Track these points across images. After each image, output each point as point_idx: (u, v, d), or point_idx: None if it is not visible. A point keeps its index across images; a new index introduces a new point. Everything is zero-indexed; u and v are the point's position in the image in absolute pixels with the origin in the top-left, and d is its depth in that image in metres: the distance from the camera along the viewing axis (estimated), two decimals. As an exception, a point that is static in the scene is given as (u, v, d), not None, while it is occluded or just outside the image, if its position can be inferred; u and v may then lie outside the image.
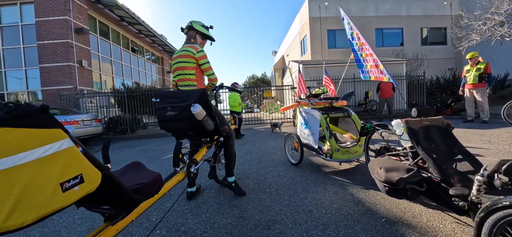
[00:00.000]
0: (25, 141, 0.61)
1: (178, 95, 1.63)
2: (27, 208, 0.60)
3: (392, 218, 1.59)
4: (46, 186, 0.63)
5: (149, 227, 1.66)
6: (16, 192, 0.58)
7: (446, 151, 1.48)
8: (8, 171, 0.58)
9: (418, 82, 10.00)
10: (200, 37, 2.28)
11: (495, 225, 0.91)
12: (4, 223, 0.57)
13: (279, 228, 1.54)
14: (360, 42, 3.36)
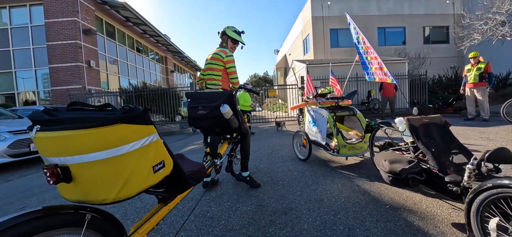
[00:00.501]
0: (135, 134, 0.81)
1: (208, 96, 1.83)
2: (132, 184, 0.81)
3: (395, 205, 1.78)
4: (145, 167, 0.84)
5: (178, 214, 1.87)
6: (128, 170, 0.79)
7: (444, 145, 1.67)
8: (125, 155, 0.78)
9: (420, 81, 10.14)
10: (231, 41, 2.49)
11: (481, 204, 1.10)
12: (117, 195, 0.78)
13: (295, 214, 1.75)
14: (365, 46, 3.55)
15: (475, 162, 1.25)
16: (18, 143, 4.33)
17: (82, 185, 0.78)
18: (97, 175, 0.77)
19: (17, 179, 3.74)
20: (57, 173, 0.73)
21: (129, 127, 0.79)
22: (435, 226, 1.47)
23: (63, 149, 0.75)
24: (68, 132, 0.74)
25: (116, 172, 0.79)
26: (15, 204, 2.54)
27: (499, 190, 1.02)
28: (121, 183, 0.78)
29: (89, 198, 0.80)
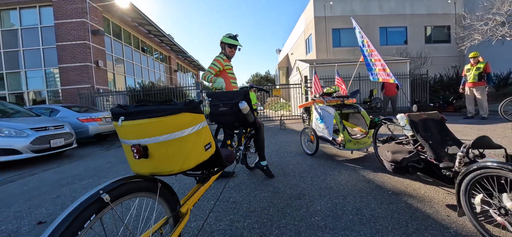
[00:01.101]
0: (193, 120, 1.05)
1: (227, 95, 2.08)
2: (192, 158, 1.05)
3: (397, 191, 2.01)
4: (199, 146, 1.08)
5: (205, 200, 2.11)
6: (189, 148, 1.03)
7: (440, 138, 1.89)
8: (187, 136, 1.02)
9: (422, 80, 10.33)
10: (228, 47, 2.73)
11: (468, 184, 1.33)
12: (181, 167, 1.02)
13: (308, 198, 1.98)
14: (370, 49, 3.78)
15: (464, 150, 1.48)
16: (40, 139, 4.59)
17: (156, 160, 1.02)
18: (167, 152, 1.01)
19: (41, 172, 4.00)
20: (141, 150, 0.97)
21: (189, 115, 1.03)
22: (431, 207, 1.70)
23: (143, 133, 0.99)
24: (146, 120, 0.97)
25: (180, 149, 1.03)
26: (48, 194, 2.79)
27: (482, 171, 1.25)
28: (184, 157, 1.02)
29: (160, 170, 1.04)
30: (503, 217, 1.20)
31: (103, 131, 7.19)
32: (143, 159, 1.00)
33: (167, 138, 0.99)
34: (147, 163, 1.03)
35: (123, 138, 1.05)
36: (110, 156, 4.93)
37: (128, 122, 1.00)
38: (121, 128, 1.02)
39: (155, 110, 0.99)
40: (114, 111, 1.06)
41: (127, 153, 1.07)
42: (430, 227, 1.46)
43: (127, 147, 1.04)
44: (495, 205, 1.23)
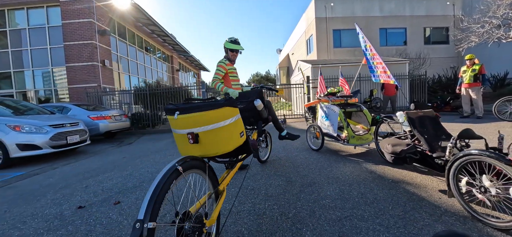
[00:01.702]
0: (232, 113, 1.31)
1: (244, 95, 2.36)
2: (231, 143, 1.32)
3: (396, 179, 2.28)
4: (236, 133, 1.35)
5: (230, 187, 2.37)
6: (229, 135, 1.30)
7: (434, 133, 2.16)
8: (227, 126, 1.28)
9: (420, 80, 10.61)
10: (230, 51, 2.87)
11: (456, 169, 1.59)
12: (223, 150, 1.29)
13: (319, 186, 2.24)
14: (372, 53, 4.05)
15: (453, 141, 1.74)
16: (58, 135, 4.83)
17: (205, 145, 1.28)
18: (214, 137, 1.27)
19: (61, 166, 4.25)
20: (195, 137, 1.24)
21: (229, 109, 1.30)
22: (426, 191, 1.97)
23: (195, 123, 1.25)
24: (198, 113, 1.24)
25: (223, 136, 1.29)
26: (77, 184, 3.04)
27: (467, 157, 1.51)
28: (225, 142, 1.30)
29: (208, 152, 1.30)
30: (483, 194, 1.46)
31: (113, 128, 7.44)
32: (195, 144, 1.26)
33: (214, 127, 1.26)
34: (198, 147, 1.29)
35: (177, 129, 1.31)
36: (123, 153, 5.17)
37: (183, 115, 1.26)
38: (177, 121, 1.28)
39: (204, 106, 1.26)
40: (169, 107, 1.32)
41: (179, 139, 1.34)
42: (425, 207, 1.72)
43: (180, 135, 1.30)
44: (477, 185, 1.50)
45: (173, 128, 1.35)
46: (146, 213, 0.86)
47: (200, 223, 1.10)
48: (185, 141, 1.28)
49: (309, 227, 1.55)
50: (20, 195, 2.77)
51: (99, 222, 1.90)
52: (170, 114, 1.31)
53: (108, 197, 2.44)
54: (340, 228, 1.51)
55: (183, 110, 1.27)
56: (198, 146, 1.29)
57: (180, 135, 1.30)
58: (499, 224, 1.38)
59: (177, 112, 1.27)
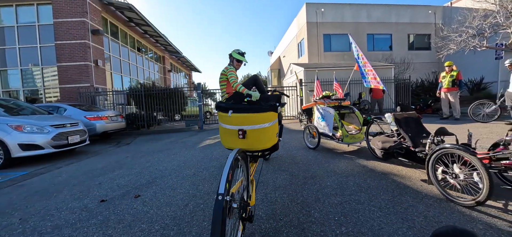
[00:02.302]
0: (273, 116, 1.60)
1: (266, 98, 2.62)
2: (270, 141, 1.61)
3: (385, 172, 2.63)
4: (274, 133, 1.64)
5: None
6: (270, 134, 1.58)
7: (416, 131, 2.53)
8: (269, 127, 1.57)
9: (405, 84, 11.30)
10: (236, 61, 3.15)
11: (433, 160, 1.94)
12: (264, 146, 1.57)
13: (319, 178, 2.55)
14: (363, 61, 4.46)
15: (431, 137, 2.10)
16: (59, 135, 4.89)
17: (250, 141, 1.56)
18: (258, 136, 1.56)
19: (65, 166, 4.33)
20: (243, 133, 1.51)
21: (272, 113, 1.60)
22: (410, 180, 2.33)
23: (246, 122, 1.53)
24: (249, 114, 1.52)
25: (266, 135, 1.58)
26: (90, 181, 3.19)
27: (442, 150, 1.86)
28: (266, 140, 1.58)
29: (252, 147, 1.58)
30: (454, 179, 1.82)
31: (110, 129, 7.47)
32: (242, 139, 1.54)
33: (260, 127, 1.55)
34: (244, 141, 1.56)
35: (228, 124, 1.59)
36: (125, 152, 5.29)
37: (236, 114, 1.54)
38: (230, 118, 1.56)
39: (254, 108, 1.55)
40: (222, 105, 1.60)
41: (228, 133, 1.62)
42: (409, 192, 2.07)
43: (230, 130, 1.58)
44: (449, 172, 1.86)
45: (223, 123, 1.62)
46: (225, 189, 1.11)
47: (246, 203, 1.38)
48: (234, 135, 1.55)
49: (316, 209, 1.85)
50: (35, 192, 2.90)
51: (127, 212, 2.10)
52: (223, 111, 1.58)
53: (125, 192, 2.63)
54: (342, 209, 1.82)
55: (236, 109, 1.55)
56: (244, 141, 1.56)
57: (229, 130, 1.58)
58: (465, 202, 1.74)
59: (231, 111, 1.54)
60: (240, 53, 3.14)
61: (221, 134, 1.71)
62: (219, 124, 1.70)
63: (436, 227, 1.53)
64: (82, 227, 1.88)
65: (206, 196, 2.30)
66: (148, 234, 1.69)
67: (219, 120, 1.69)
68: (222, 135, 1.70)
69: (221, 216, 1.05)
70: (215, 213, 1.06)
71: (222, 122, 1.64)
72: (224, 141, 1.69)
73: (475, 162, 1.67)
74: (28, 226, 1.97)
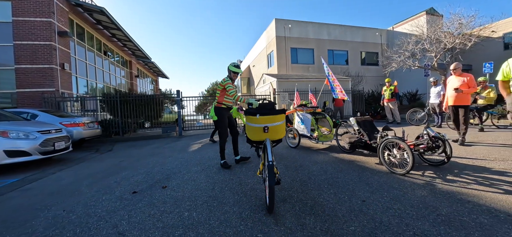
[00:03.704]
0: (283, 117, 2.37)
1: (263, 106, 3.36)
2: (282, 134, 2.38)
3: (351, 160, 3.63)
4: (284, 128, 2.41)
5: (245, 168, 3.31)
6: (283, 129, 2.36)
7: (371, 130, 3.60)
8: (282, 124, 2.34)
9: (359, 95, 13.31)
10: (232, 73, 3.64)
11: (382, 147, 2.97)
12: (279, 136, 2.35)
13: (306, 167, 3.41)
14: (332, 77, 5.62)
15: (381, 132, 3.15)
16: (47, 142, 4.84)
17: (271, 133, 2.30)
18: (276, 130, 2.32)
19: (59, 172, 4.37)
20: (267, 128, 2.24)
21: (282, 115, 2.37)
22: (368, 164, 3.35)
23: (268, 121, 2.27)
24: (272, 116, 2.29)
25: (280, 129, 2.35)
26: (101, 181, 3.49)
27: (386, 140, 2.89)
28: (280, 133, 2.35)
29: (272, 138, 2.32)
30: (394, 159, 2.86)
31: (87, 136, 7.29)
32: (266, 133, 2.27)
33: (278, 123, 2.31)
34: (267, 134, 2.29)
35: (256, 123, 2.30)
36: (112, 158, 5.42)
37: (262, 116, 2.27)
38: (257, 119, 2.27)
39: (274, 111, 2.30)
40: (250, 111, 2.31)
41: (255, 129, 2.32)
42: (368, 170, 3.06)
43: (257, 127, 2.29)
44: (391, 154, 2.89)
45: (250, 123, 2.34)
46: (272, 158, 1.84)
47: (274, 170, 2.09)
48: (260, 131, 2.27)
49: (311, 183, 2.68)
50: (55, 192, 3.08)
51: (164, 196, 2.62)
52: (251, 114, 2.29)
53: (149, 186, 3.07)
54: (327, 182, 2.69)
55: (262, 113, 2.28)
56: (267, 134, 2.29)
57: (256, 127, 2.29)
58: (400, 172, 2.77)
59: (258, 114, 2.27)
60: (236, 66, 3.68)
61: (248, 130, 2.42)
62: (247, 124, 2.42)
63: (385, 187, 2.48)
64: (133, 209, 2.35)
65: (225, 182, 2.94)
66: (195, 206, 2.28)
67: (247, 121, 2.40)
68: (249, 131, 2.41)
69: (273, 171, 1.79)
70: (269, 169, 1.81)
71: (250, 122, 2.36)
72: (251, 136, 2.40)
73: (405, 147, 2.72)
74: (77, 214, 2.33)
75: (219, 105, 3.68)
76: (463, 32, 11.62)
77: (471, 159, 3.41)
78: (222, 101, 3.68)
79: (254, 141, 2.47)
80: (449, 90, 4.49)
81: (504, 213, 1.83)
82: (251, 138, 2.44)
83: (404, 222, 1.77)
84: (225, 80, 3.62)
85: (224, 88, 3.62)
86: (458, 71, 4.38)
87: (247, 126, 2.44)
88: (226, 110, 3.70)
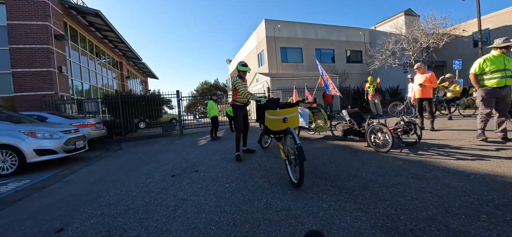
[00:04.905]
0: (296, 110, 3.05)
1: (271, 101, 4.03)
2: (297, 123, 3.08)
3: (345, 145, 4.42)
4: (298, 119, 3.10)
5: (258, 158, 3.99)
6: (297, 118, 3.06)
7: (360, 119, 4.40)
8: (297, 115, 3.03)
9: (346, 91, 14.36)
10: (241, 72, 4.16)
11: (369, 133, 3.76)
12: (295, 125, 3.04)
13: (310, 151, 4.15)
14: (326, 76, 6.41)
15: (368, 120, 3.95)
16: (69, 141, 5.25)
17: (289, 123, 2.96)
18: (293, 120, 3.00)
19: (85, 168, 4.83)
20: (286, 119, 2.93)
21: (297, 107, 3.05)
22: (359, 147, 4.15)
23: (287, 113, 2.94)
24: (289, 108, 2.96)
25: (296, 119, 3.03)
26: (133, 173, 4.03)
27: (372, 127, 3.69)
28: (296, 122, 3.04)
29: (290, 126, 3.00)
30: (379, 140, 3.66)
31: (95, 136, 7.66)
32: (285, 123, 2.94)
33: (294, 114, 2.99)
34: (285, 125, 2.95)
35: (276, 116, 2.93)
36: (127, 155, 5.92)
37: (282, 109, 2.93)
38: (278, 112, 2.93)
39: (290, 104, 2.98)
40: (270, 105, 2.98)
41: (275, 121, 2.95)
42: (359, 151, 3.85)
43: (277, 119, 2.94)
44: (376, 137, 3.70)
45: (271, 116, 2.94)
46: (299, 141, 2.48)
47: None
48: (280, 122, 2.93)
49: (316, 161, 3.43)
50: (94, 182, 3.61)
51: (201, 176, 3.25)
52: (272, 109, 2.93)
53: (182, 171, 3.67)
54: (329, 160, 3.44)
55: (281, 107, 2.93)
56: (286, 124, 2.95)
57: (276, 119, 2.93)
58: (383, 151, 3.58)
59: (278, 108, 2.92)
60: (243, 65, 4.15)
61: (269, 123, 3.00)
62: (268, 117, 3.02)
63: (373, 161, 3.26)
64: (181, 185, 2.96)
65: (247, 165, 3.61)
66: (231, 181, 2.94)
67: (269, 115, 2.97)
68: (270, 123, 3.02)
69: (303, 150, 2.42)
70: (299, 150, 2.42)
71: (271, 115, 2.98)
72: (271, 127, 3.02)
73: (387, 131, 3.53)
74: (137, 191, 2.91)
75: (234, 102, 4.22)
76: (437, 31, 12.94)
77: (437, 140, 4.31)
78: (236, 99, 4.18)
79: (275, 131, 3.05)
80: (415, 86, 5.40)
81: (453, 170, 2.65)
82: (273, 129, 3.03)
83: (386, 178, 2.54)
84: (235, 80, 4.15)
85: (235, 88, 4.09)
86: (421, 69, 5.30)
87: (268, 119, 2.99)
88: (241, 107, 4.20)
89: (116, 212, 2.28)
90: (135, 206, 2.40)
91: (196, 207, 2.23)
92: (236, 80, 4.09)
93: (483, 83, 3.72)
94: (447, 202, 1.91)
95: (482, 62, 3.69)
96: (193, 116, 34.72)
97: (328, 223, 1.75)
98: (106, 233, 1.89)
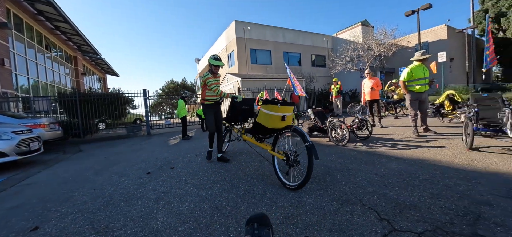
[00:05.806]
0: (292, 109, 3.30)
1: (246, 100, 4.24)
2: (290, 121, 3.36)
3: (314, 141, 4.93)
4: (290, 119, 3.40)
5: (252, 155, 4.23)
6: (292, 117, 3.40)
7: (323, 117, 4.97)
8: (291, 115, 3.35)
9: (311, 92, 15.43)
10: (214, 66, 3.70)
11: (330, 128, 4.31)
12: (290, 122, 3.32)
13: (279, 146, 4.55)
14: (294, 78, 6.93)
15: (329, 118, 4.51)
16: (22, 142, 4.77)
17: (286, 121, 3.20)
18: (289, 119, 3.24)
19: (42, 170, 4.47)
20: (285, 117, 3.20)
21: (291, 107, 3.28)
22: (321, 142, 4.69)
23: (286, 111, 3.14)
24: (288, 106, 3.11)
25: (290, 119, 3.31)
26: (103, 172, 3.93)
27: (333, 123, 4.25)
28: (290, 121, 3.32)
29: (288, 124, 3.27)
30: (338, 135, 4.23)
31: (50, 138, 6.97)
32: (283, 121, 3.19)
33: (290, 114, 3.22)
34: (284, 122, 3.17)
35: (276, 112, 3.05)
36: (91, 157, 5.61)
37: (283, 106, 3.15)
38: (279, 108, 3.14)
39: (289, 103, 3.21)
40: (271, 100, 3.21)
41: (273, 118, 3.06)
42: (323, 145, 4.37)
43: (276, 116, 3.08)
44: (336, 132, 4.26)
45: (271, 111, 2.90)
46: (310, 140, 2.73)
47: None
48: (278, 119, 3.07)
49: (286, 154, 3.81)
50: (61, 183, 3.43)
51: (178, 173, 3.36)
52: (274, 104, 3.07)
53: (158, 168, 3.70)
54: (297, 153, 3.86)
55: (282, 104, 3.11)
56: (284, 122, 3.15)
57: (275, 116, 3.03)
58: (341, 145, 4.15)
59: (279, 104, 3.14)
60: (216, 58, 3.68)
61: (265, 119, 2.84)
62: (266, 112, 2.78)
63: (333, 153, 3.77)
64: (158, 181, 3.04)
65: (224, 164, 3.81)
66: (208, 174, 3.12)
67: (268, 110, 2.68)
68: (266, 120, 2.86)
69: (315, 148, 2.61)
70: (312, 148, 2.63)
71: (271, 111, 2.74)
72: (267, 124, 2.89)
73: (344, 127, 4.10)
74: (112, 189, 2.91)
75: (203, 101, 3.82)
76: (387, 41, 14.79)
77: (384, 135, 5.10)
78: (205, 97, 3.75)
79: (269, 129, 2.81)
80: (365, 89, 6.27)
81: (394, 157, 3.28)
82: (268, 127, 2.79)
83: (343, 165, 3.03)
84: (205, 75, 3.62)
85: (204, 84, 3.65)
86: (370, 75, 6.20)
87: (264, 115, 2.70)
88: (212, 107, 3.81)
89: (94, 208, 2.30)
90: (114, 201, 2.44)
91: (179, 198, 2.39)
92: (207, 75, 3.62)
93: (411, 89, 4.58)
94: (386, 180, 2.43)
95: (409, 71, 4.54)
96: (158, 117, 33.03)
97: (296, 201, 2.10)
98: (90, 226, 1.94)
